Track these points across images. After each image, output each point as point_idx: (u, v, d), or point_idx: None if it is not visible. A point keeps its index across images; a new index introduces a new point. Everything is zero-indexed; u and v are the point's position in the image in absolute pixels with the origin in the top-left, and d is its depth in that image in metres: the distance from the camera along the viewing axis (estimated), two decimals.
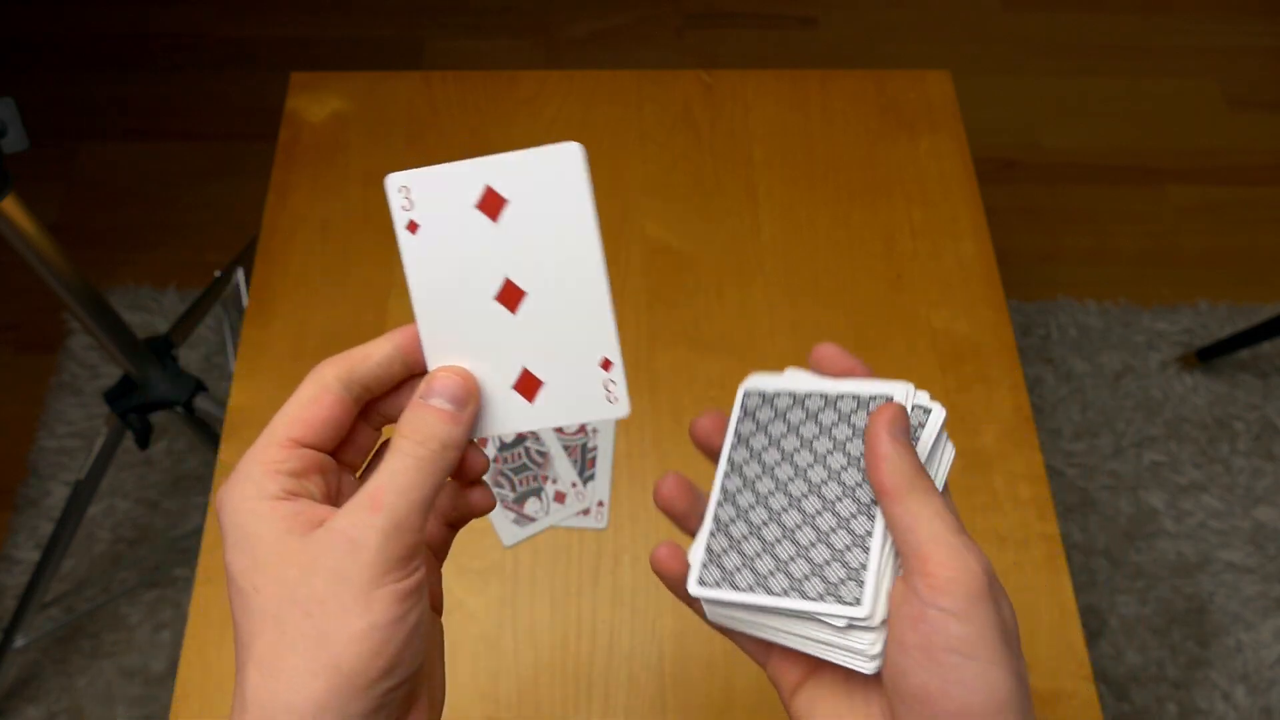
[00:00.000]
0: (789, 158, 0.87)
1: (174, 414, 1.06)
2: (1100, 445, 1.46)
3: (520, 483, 0.72)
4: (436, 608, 0.37)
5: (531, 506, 0.71)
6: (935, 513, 0.33)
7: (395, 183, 0.34)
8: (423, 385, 0.34)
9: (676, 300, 0.80)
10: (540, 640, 0.66)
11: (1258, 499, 1.43)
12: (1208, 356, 1.50)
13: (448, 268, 0.34)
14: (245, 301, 1.02)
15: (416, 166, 0.35)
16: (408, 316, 0.35)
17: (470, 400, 0.34)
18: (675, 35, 1.86)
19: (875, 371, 0.38)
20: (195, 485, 1.39)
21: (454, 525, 0.39)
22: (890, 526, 0.33)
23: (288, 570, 0.31)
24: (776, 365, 0.43)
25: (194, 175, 1.67)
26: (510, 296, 0.34)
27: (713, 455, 0.39)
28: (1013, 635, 0.33)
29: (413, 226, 0.34)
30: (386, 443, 0.34)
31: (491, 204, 0.34)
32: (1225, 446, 1.47)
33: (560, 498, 0.71)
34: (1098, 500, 1.42)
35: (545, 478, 0.72)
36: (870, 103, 0.90)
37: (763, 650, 0.38)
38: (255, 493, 0.32)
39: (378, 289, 0.79)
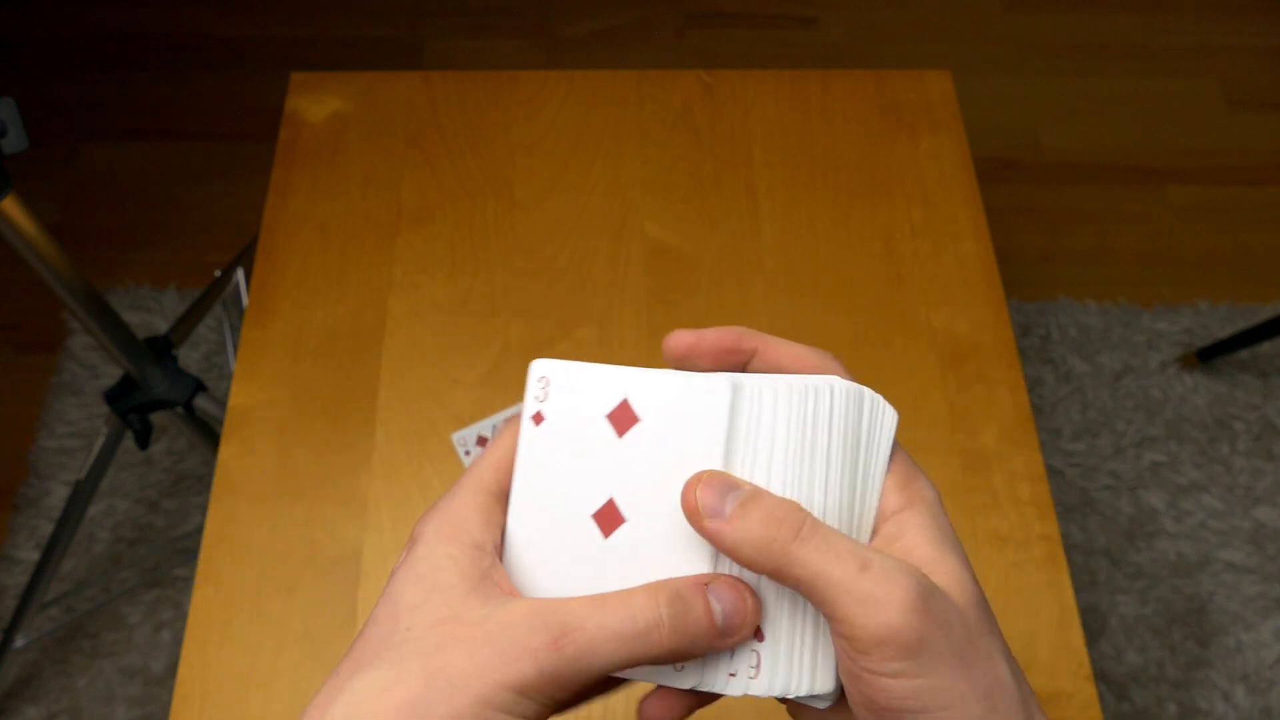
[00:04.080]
0: (789, 158, 0.87)
1: (174, 414, 1.06)
2: (1100, 445, 1.46)
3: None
4: None
5: None
6: (826, 555, 0.28)
7: (538, 372, 0.32)
8: (713, 576, 0.30)
9: (676, 300, 0.80)
10: None
11: (1258, 499, 1.43)
12: (1208, 356, 1.50)
13: (559, 468, 0.32)
14: (245, 301, 1.02)
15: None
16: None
17: (741, 631, 0.29)
18: (675, 35, 1.86)
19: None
20: (195, 485, 1.39)
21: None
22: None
23: (445, 632, 0.28)
24: None
25: (194, 175, 1.67)
26: (608, 518, 0.31)
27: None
28: (970, 641, 0.28)
29: (539, 418, 0.32)
30: None
31: (622, 418, 0.31)
32: (1225, 446, 1.47)
33: None
34: (1098, 500, 1.42)
35: None
36: (870, 103, 0.90)
37: None
38: (461, 536, 0.30)
39: (378, 289, 0.79)
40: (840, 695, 0.31)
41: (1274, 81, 1.84)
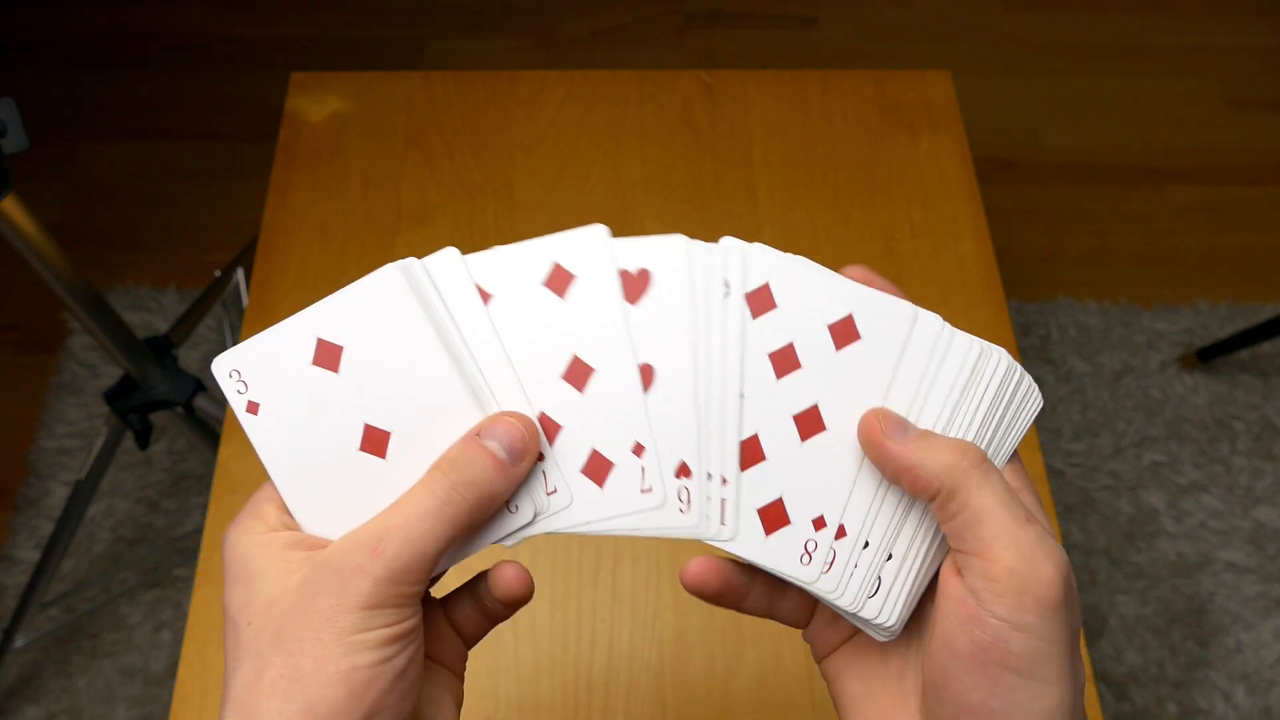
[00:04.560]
0: (789, 158, 0.87)
1: (174, 414, 1.06)
2: (1100, 445, 1.46)
3: None
4: (453, 668, 0.35)
5: None
6: (998, 499, 0.28)
7: (224, 369, 0.32)
8: (481, 422, 0.31)
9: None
10: (540, 640, 0.66)
11: (1258, 499, 1.43)
12: (1208, 356, 1.50)
13: (303, 434, 0.32)
14: (245, 301, 1.02)
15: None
16: None
17: (527, 455, 0.31)
18: (675, 35, 1.86)
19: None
20: (195, 485, 1.39)
21: (493, 621, 0.36)
22: (941, 521, 0.30)
23: (278, 604, 0.29)
24: None
25: (194, 175, 1.67)
26: (373, 441, 0.32)
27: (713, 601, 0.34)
28: (1077, 639, 0.29)
29: (253, 408, 0.32)
30: None
31: (327, 355, 0.31)
32: (1225, 446, 1.47)
33: None
34: (1098, 500, 1.42)
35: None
36: (870, 103, 0.90)
37: (805, 613, 0.36)
38: (261, 526, 0.31)
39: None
40: (894, 636, 0.32)
41: (1274, 81, 1.84)
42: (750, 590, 0.34)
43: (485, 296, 0.32)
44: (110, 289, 1.54)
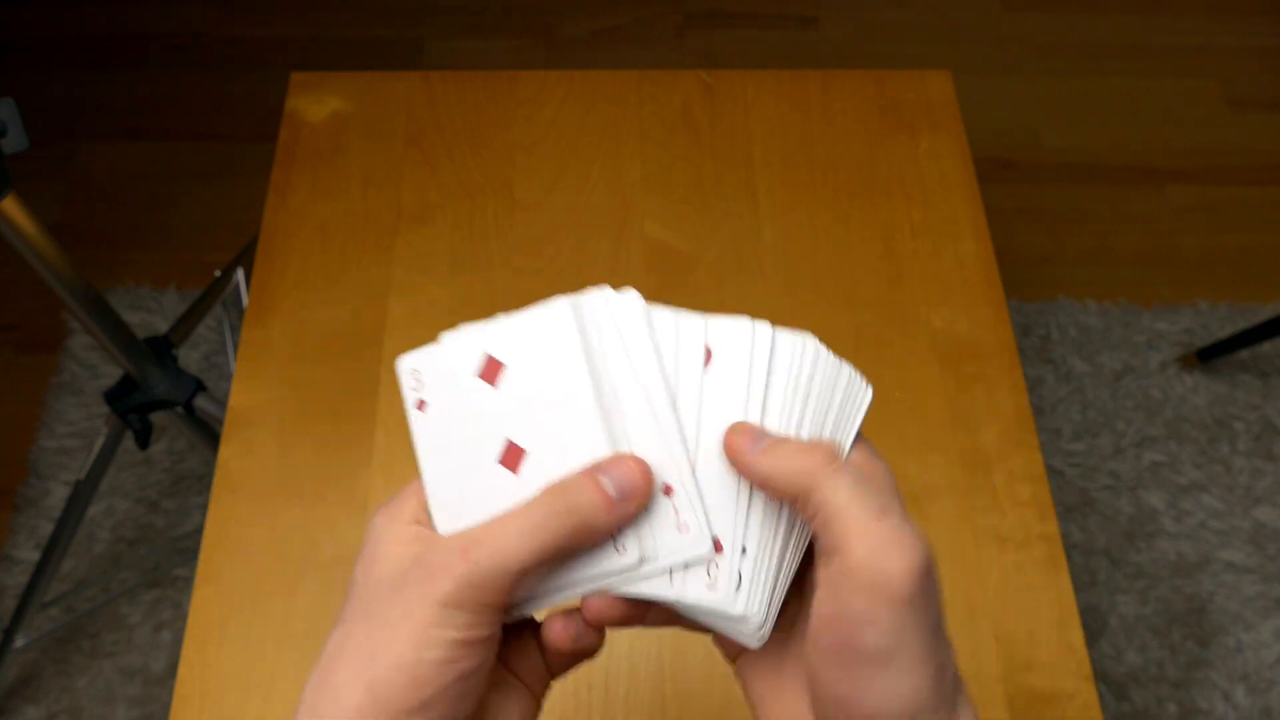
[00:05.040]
0: (789, 158, 0.87)
1: (174, 414, 1.06)
2: (1100, 445, 1.46)
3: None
4: (533, 688, 0.35)
5: None
6: (849, 496, 0.29)
7: (406, 367, 0.35)
8: (604, 460, 0.32)
9: (677, 300, 0.79)
10: None
11: (1258, 499, 1.43)
12: (1208, 356, 1.50)
13: (456, 437, 0.34)
14: (245, 301, 1.02)
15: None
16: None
17: (637, 497, 0.32)
18: (675, 35, 1.86)
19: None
20: (195, 485, 1.39)
21: (579, 657, 0.36)
22: (807, 521, 0.31)
23: (382, 584, 0.31)
24: None
25: (194, 175, 1.67)
26: (512, 457, 0.34)
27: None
28: (940, 626, 0.30)
29: (422, 405, 0.35)
30: None
31: (491, 371, 0.34)
32: (1225, 446, 1.47)
33: None
34: (1098, 500, 1.42)
35: None
36: (870, 103, 0.90)
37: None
38: (402, 515, 0.33)
39: (378, 289, 0.79)
40: (764, 639, 0.33)
41: (1274, 81, 1.84)
42: (649, 608, 0.35)
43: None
44: (110, 289, 1.53)
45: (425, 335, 0.36)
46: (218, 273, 1.27)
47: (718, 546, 0.33)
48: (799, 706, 0.33)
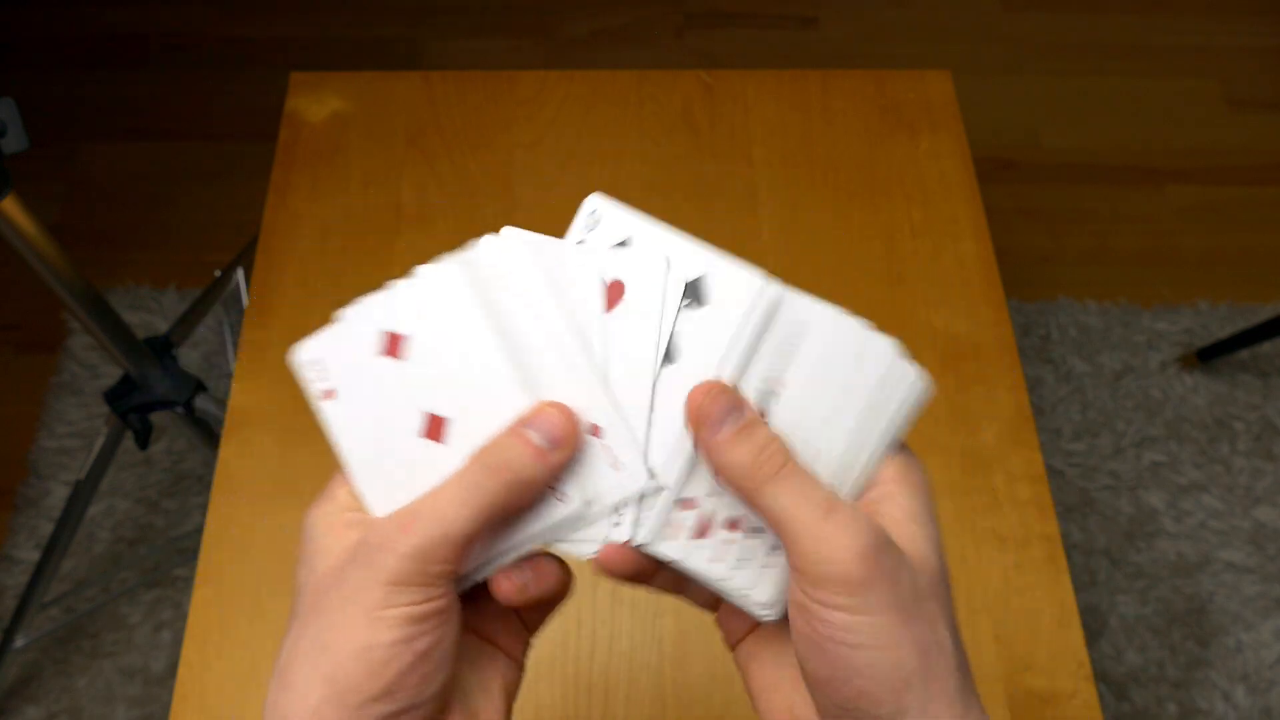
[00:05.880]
0: (789, 158, 0.87)
1: (174, 414, 1.06)
2: (1100, 445, 1.46)
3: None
4: (511, 652, 0.36)
5: None
6: (798, 495, 0.30)
7: (304, 357, 0.34)
8: (525, 413, 0.32)
9: None
10: (540, 640, 0.66)
11: (1258, 499, 1.43)
12: (1208, 356, 1.50)
13: (372, 420, 0.33)
14: (245, 301, 1.02)
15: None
16: None
17: (566, 443, 0.32)
18: (675, 35, 1.86)
19: None
20: (195, 485, 1.39)
21: (529, 625, 0.36)
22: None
23: (325, 576, 0.31)
24: None
25: (194, 175, 1.67)
26: (434, 428, 0.33)
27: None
28: (916, 599, 0.30)
29: (329, 394, 0.34)
30: None
31: (394, 346, 0.33)
32: (1225, 446, 1.47)
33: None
34: (1098, 500, 1.42)
35: None
36: (870, 103, 0.90)
37: (714, 596, 0.36)
38: (333, 507, 0.33)
39: (377, 289, 0.79)
40: (780, 616, 0.33)
41: (1274, 81, 1.84)
42: (660, 567, 0.35)
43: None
44: (110, 289, 1.53)
45: None
46: (218, 273, 1.27)
47: (733, 526, 0.33)
48: (798, 695, 0.33)
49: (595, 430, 0.33)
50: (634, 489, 0.33)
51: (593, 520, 0.33)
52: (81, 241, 1.59)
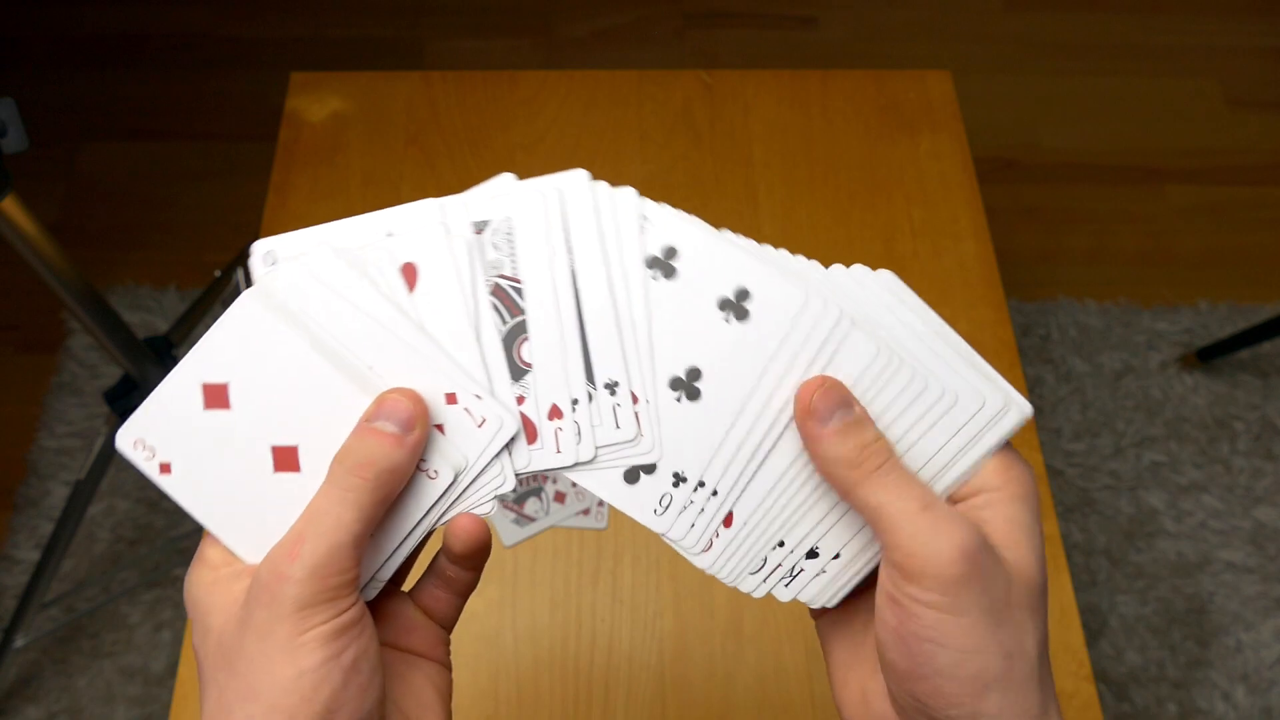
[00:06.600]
0: (789, 158, 0.87)
1: None
2: (1100, 445, 1.46)
3: (520, 482, 0.72)
4: (434, 656, 0.36)
5: (531, 506, 0.71)
6: (898, 491, 0.30)
7: (127, 440, 0.34)
8: (369, 409, 0.32)
9: None
10: (540, 640, 0.66)
11: (1258, 499, 1.43)
12: (1208, 356, 1.50)
13: (218, 476, 0.33)
14: None
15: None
16: None
17: (418, 420, 0.32)
18: (675, 35, 1.86)
19: None
20: None
21: (460, 593, 0.36)
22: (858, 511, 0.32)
23: (226, 632, 0.30)
24: None
25: (194, 175, 1.67)
26: (285, 459, 0.33)
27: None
28: (1009, 606, 0.30)
29: (165, 468, 0.33)
30: None
31: (216, 397, 0.33)
32: (1225, 446, 1.47)
33: (560, 498, 0.71)
34: (1098, 500, 1.42)
35: (545, 478, 0.72)
36: (870, 103, 0.90)
37: None
38: (207, 570, 0.33)
39: None
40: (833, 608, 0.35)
41: (1274, 81, 1.84)
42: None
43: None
44: (110, 289, 1.53)
45: None
46: (218, 273, 1.27)
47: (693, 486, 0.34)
48: (872, 680, 0.34)
49: (452, 398, 0.33)
50: (508, 435, 0.33)
51: (470, 482, 0.34)
52: (81, 241, 1.59)
